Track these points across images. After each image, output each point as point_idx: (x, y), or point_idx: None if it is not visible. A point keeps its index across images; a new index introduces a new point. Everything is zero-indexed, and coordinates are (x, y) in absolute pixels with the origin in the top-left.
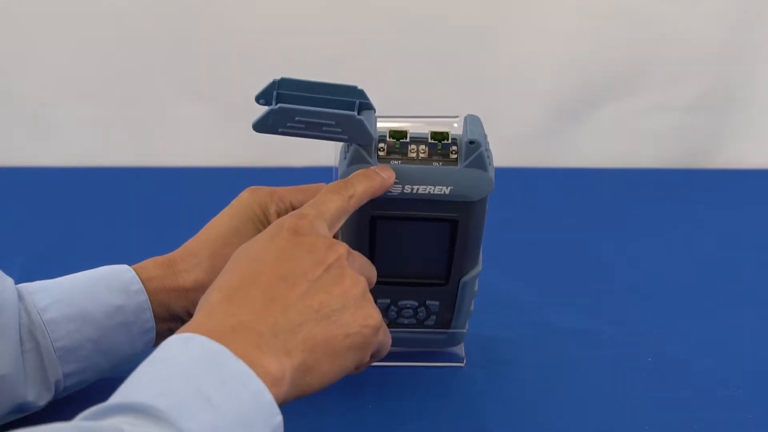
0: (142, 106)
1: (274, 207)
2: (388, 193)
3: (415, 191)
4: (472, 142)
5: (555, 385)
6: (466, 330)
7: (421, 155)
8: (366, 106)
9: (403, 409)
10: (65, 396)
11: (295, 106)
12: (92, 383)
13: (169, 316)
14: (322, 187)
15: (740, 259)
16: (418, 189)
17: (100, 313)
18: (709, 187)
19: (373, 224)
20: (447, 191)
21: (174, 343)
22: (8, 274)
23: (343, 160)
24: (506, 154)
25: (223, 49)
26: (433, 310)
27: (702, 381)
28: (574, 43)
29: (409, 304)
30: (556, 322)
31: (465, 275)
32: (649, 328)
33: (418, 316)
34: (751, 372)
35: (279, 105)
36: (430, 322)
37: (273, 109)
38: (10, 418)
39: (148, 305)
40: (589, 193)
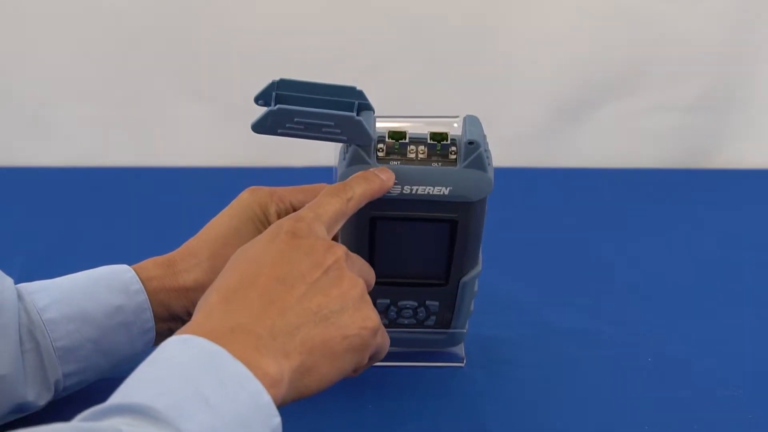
0: (142, 106)
1: (274, 207)
2: (387, 194)
3: (414, 192)
4: (471, 143)
5: (555, 385)
6: (466, 330)
7: (421, 156)
8: (365, 106)
9: (403, 409)
10: (65, 396)
11: (294, 107)
12: (92, 383)
13: (168, 316)
14: (322, 188)
15: (740, 259)
16: (418, 189)
17: (99, 313)
18: (709, 187)
19: (373, 225)
20: (446, 192)
21: (173, 344)
22: (8, 274)
23: (342, 160)
24: (506, 154)
25: (223, 49)
26: (432, 310)
27: (702, 381)
28: (574, 43)
29: (408, 305)
30: (556, 322)
31: (465, 275)
32: (649, 328)
33: (418, 317)
34: (751, 372)
35: (278, 106)
36: (430, 323)
37: (272, 110)
38: (10, 418)
39: (148, 305)
40: (589, 193)
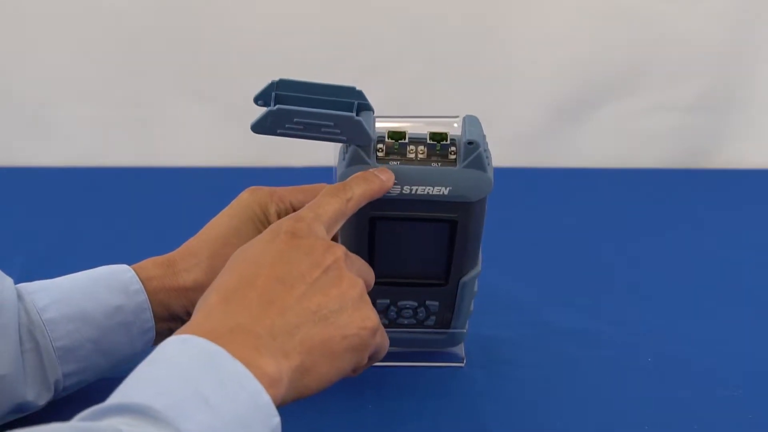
0: (142, 106)
1: (274, 207)
2: (387, 194)
3: (414, 192)
4: (470, 143)
5: (555, 385)
6: (465, 330)
7: (420, 156)
8: (364, 107)
9: (403, 409)
10: (65, 396)
11: (294, 108)
12: (92, 383)
13: (168, 315)
14: (322, 187)
15: (740, 259)
16: (417, 189)
17: (99, 313)
18: (709, 187)
19: (373, 225)
20: (446, 192)
21: (172, 344)
22: (8, 274)
23: (341, 160)
24: (506, 154)
25: (223, 49)
26: (432, 310)
27: (702, 381)
28: (574, 43)
29: (408, 305)
30: (556, 322)
31: (464, 275)
32: (649, 328)
33: (418, 317)
34: (751, 372)
35: (277, 106)
36: (430, 323)
37: (271, 111)
38: (10, 418)
39: (148, 305)
40: (589, 193)
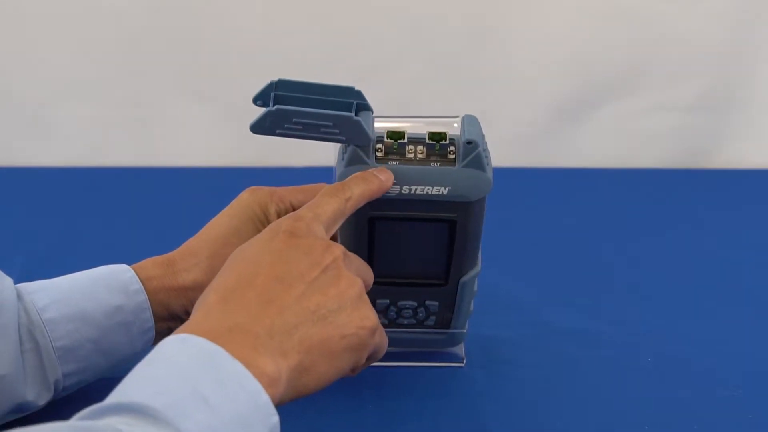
0: (142, 106)
1: (274, 207)
2: (386, 194)
3: (413, 192)
4: (469, 143)
5: (555, 385)
6: (465, 330)
7: (419, 156)
8: (363, 107)
9: (403, 409)
10: (65, 396)
11: (293, 108)
12: (91, 383)
13: (168, 315)
14: (322, 187)
15: (740, 259)
16: (417, 189)
17: (99, 313)
18: (709, 187)
19: (372, 225)
20: (445, 192)
21: (171, 344)
22: (8, 274)
23: (341, 161)
24: (506, 154)
25: (223, 49)
26: (432, 310)
27: (702, 381)
28: (574, 43)
29: (408, 305)
30: (556, 322)
31: (464, 275)
32: (649, 328)
33: (418, 317)
34: (751, 372)
35: (276, 106)
36: (430, 323)
37: (270, 111)
38: (10, 418)
39: (148, 305)
40: (589, 193)
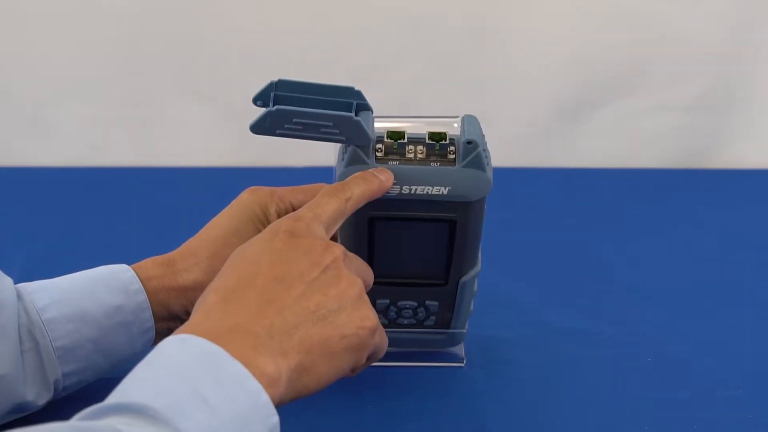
0: (142, 106)
1: (274, 207)
2: (386, 194)
3: (413, 192)
4: (469, 143)
5: (555, 385)
6: (465, 330)
7: (419, 156)
8: (363, 107)
9: (403, 409)
10: (65, 396)
11: (293, 108)
12: (91, 383)
13: (168, 315)
14: (322, 187)
15: (740, 259)
16: (416, 189)
17: (99, 313)
18: (709, 187)
19: (372, 225)
20: (445, 191)
21: (171, 344)
22: (8, 274)
23: (341, 161)
24: (506, 154)
25: (223, 49)
26: (432, 310)
27: (702, 381)
28: (574, 43)
29: (408, 305)
30: (556, 322)
31: (464, 275)
32: (649, 328)
33: (418, 317)
34: (751, 372)
35: (276, 107)
36: (430, 323)
37: (270, 111)
38: (10, 418)
39: (147, 305)
40: (589, 193)
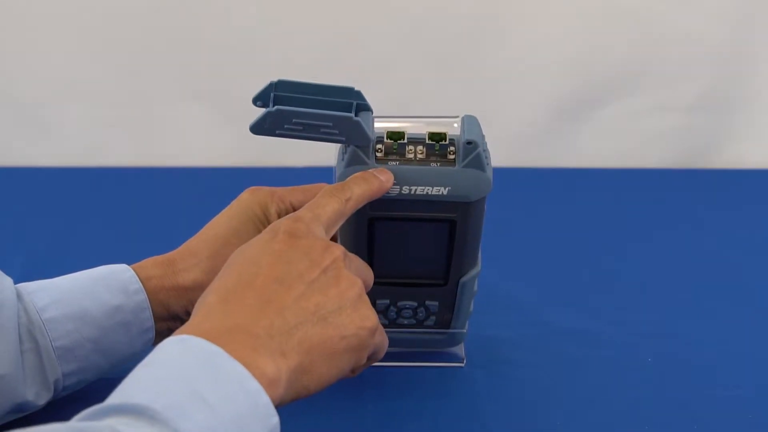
0: (142, 106)
1: (274, 207)
2: (386, 195)
3: (413, 192)
4: (469, 143)
5: (555, 385)
6: (465, 330)
7: (419, 156)
8: (363, 107)
9: (403, 409)
10: (64, 396)
11: (293, 108)
12: (91, 383)
13: (168, 315)
14: (322, 187)
15: (740, 259)
16: (416, 190)
17: (99, 313)
18: (709, 187)
19: (372, 225)
20: (445, 192)
21: (170, 345)
22: (8, 274)
23: (340, 161)
24: (506, 154)
25: (223, 49)
26: (432, 310)
27: (702, 381)
28: (574, 43)
29: (408, 305)
30: (556, 322)
31: (464, 275)
32: (649, 328)
33: (418, 317)
34: (751, 372)
35: (276, 107)
36: (430, 323)
37: (270, 112)
38: (9, 418)
39: (147, 305)
40: (589, 193)
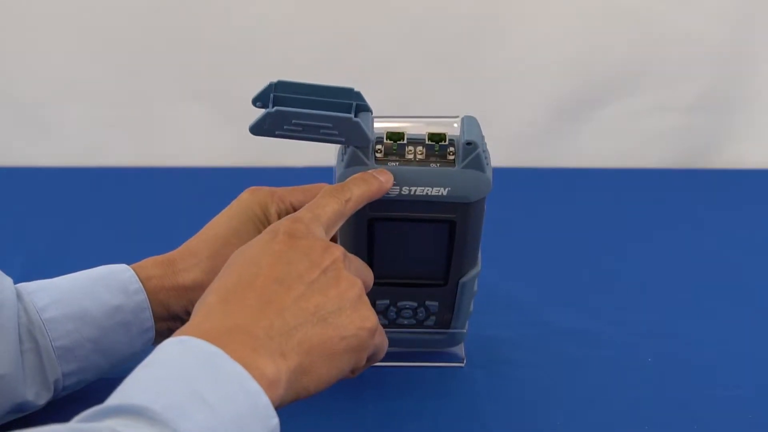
0: (142, 106)
1: (274, 207)
2: (386, 195)
3: (412, 193)
4: (469, 143)
5: (555, 385)
6: (465, 330)
7: (419, 157)
8: (363, 108)
9: (403, 409)
10: (64, 395)
11: (292, 109)
12: (91, 383)
13: (168, 315)
14: (322, 187)
15: (740, 259)
16: (416, 190)
17: (99, 313)
18: (709, 187)
19: (372, 226)
20: (445, 192)
21: (170, 346)
22: (8, 274)
23: (340, 162)
24: (506, 154)
25: (223, 49)
26: (432, 310)
27: (702, 381)
28: (575, 43)
29: (408, 305)
30: (556, 322)
31: (464, 276)
32: (649, 328)
33: (418, 317)
34: (751, 372)
35: (276, 108)
36: (430, 323)
37: (270, 112)
38: (9, 418)
39: (147, 305)
40: (589, 193)
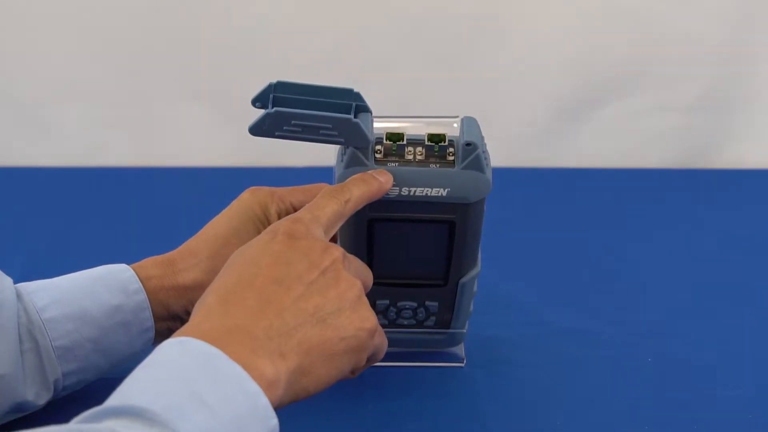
0: (142, 106)
1: (274, 207)
2: (385, 196)
3: (412, 193)
4: (469, 144)
5: (555, 385)
6: (465, 330)
7: (418, 157)
8: (362, 108)
9: (403, 409)
10: (64, 395)
11: (292, 110)
12: (91, 383)
13: (168, 315)
14: (322, 187)
15: (740, 259)
16: (416, 191)
17: (98, 313)
18: (709, 187)
19: (371, 226)
20: (444, 193)
21: (170, 346)
22: (8, 274)
23: (340, 162)
24: (506, 154)
25: (223, 49)
26: (432, 311)
27: (702, 381)
28: (575, 43)
29: (408, 305)
30: (556, 322)
31: (463, 276)
32: (649, 328)
33: (418, 317)
34: (751, 372)
35: (275, 109)
36: (430, 323)
37: (269, 113)
38: (9, 418)
39: (147, 304)
40: (589, 193)
